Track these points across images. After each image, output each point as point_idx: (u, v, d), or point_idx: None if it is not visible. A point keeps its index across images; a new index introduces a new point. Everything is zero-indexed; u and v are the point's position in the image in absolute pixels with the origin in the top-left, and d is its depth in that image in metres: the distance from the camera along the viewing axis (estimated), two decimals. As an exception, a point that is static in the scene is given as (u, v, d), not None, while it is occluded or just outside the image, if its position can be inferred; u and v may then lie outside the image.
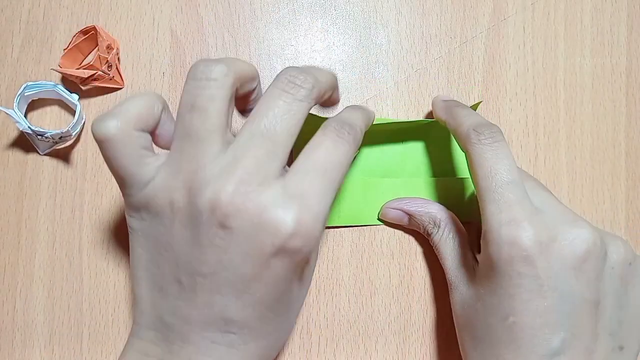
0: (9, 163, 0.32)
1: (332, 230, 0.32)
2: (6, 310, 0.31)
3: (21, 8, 0.33)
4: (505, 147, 0.26)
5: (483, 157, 0.25)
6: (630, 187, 0.33)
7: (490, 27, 0.34)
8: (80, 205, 0.32)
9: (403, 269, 0.32)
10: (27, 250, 0.32)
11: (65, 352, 0.31)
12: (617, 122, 0.34)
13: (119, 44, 0.32)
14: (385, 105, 0.33)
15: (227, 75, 0.22)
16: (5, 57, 0.32)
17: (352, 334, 0.32)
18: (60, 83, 0.32)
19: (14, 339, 0.31)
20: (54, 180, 0.32)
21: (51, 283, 0.32)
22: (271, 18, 0.33)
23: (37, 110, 0.33)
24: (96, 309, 0.32)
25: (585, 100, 0.34)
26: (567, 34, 0.34)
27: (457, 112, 0.29)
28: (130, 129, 0.22)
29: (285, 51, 0.33)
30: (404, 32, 0.33)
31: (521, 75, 0.34)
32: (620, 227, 0.33)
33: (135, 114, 0.22)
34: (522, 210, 0.24)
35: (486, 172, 0.25)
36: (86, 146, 0.32)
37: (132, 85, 0.33)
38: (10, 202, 0.32)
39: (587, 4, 0.34)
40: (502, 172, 0.25)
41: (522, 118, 0.33)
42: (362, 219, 0.32)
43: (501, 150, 0.25)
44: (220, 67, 0.22)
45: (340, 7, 0.34)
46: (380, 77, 0.33)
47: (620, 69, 0.34)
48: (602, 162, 0.33)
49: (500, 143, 0.26)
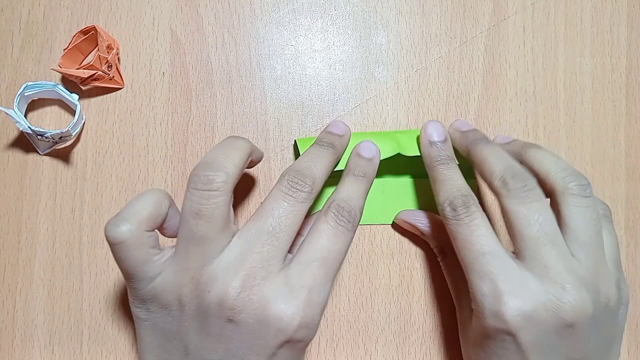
0: (9, 163, 0.32)
1: (332, 230, 0.32)
2: (6, 310, 0.31)
3: (21, 8, 0.33)
4: (479, 218, 0.25)
5: (458, 232, 0.25)
6: (630, 187, 0.33)
7: (490, 27, 0.34)
8: (80, 205, 0.32)
9: (403, 269, 0.32)
10: (27, 250, 0.32)
11: (65, 352, 0.31)
12: (617, 122, 0.34)
13: (119, 44, 0.32)
14: (385, 105, 0.33)
15: (227, 182, 0.23)
16: (5, 57, 0.32)
17: (352, 334, 0.32)
18: (60, 83, 0.32)
19: (14, 339, 0.31)
20: (54, 180, 0.32)
21: (51, 283, 0.32)
22: (271, 18, 0.33)
23: (37, 110, 0.33)
24: (96, 309, 0.32)
25: (585, 100, 0.34)
26: (567, 34, 0.34)
27: (436, 176, 0.28)
28: (141, 232, 0.23)
29: (285, 51, 0.33)
30: (404, 32, 0.33)
31: (521, 75, 0.34)
32: (620, 227, 0.33)
33: (146, 215, 0.23)
34: (503, 281, 0.24)
35: (462, 245, 0.25)
36: (86, 146, 0.32)
37: (132, 85, 0.33)
38: (10, 202, 0.32)
39: (587, 4, 0.34)
40: (477, 243, 0.25)
41: (522, 118, 0.33)
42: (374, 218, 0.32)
43: (475, 222, 0.25)
44: (221, 176, 0.23)
45: (340, 7, 0.34)
46: (380, 77, 0.33)
47: (620, 69, 0.34)
48: (602, 162, 0.33)
49: (474, 215, 0.25)
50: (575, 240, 0.25)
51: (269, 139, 0.33)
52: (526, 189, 0.25)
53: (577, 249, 0.25)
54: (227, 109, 0.33)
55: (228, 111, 0.33)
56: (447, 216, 0.26)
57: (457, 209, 0.26)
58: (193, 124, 0.32)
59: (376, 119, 0.33)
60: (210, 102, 0.33)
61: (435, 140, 0.29)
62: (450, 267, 0.30)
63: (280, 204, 0.24)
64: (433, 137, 0.29)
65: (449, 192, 0.26)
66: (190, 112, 0.33)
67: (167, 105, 0.33)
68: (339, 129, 0.29)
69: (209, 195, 0.23)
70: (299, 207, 0.24)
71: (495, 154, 0.27)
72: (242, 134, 0.32)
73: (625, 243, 0.33)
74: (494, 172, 0.26)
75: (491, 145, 0.28)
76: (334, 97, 0.33)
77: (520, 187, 0.25)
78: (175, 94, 0.33)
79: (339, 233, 0.25)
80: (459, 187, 0.27)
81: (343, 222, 0.25)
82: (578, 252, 0.25)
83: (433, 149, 0.29)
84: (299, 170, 0.25)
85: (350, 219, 0.25)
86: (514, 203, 0.25)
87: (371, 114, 0.33)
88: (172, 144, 0.32)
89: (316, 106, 0.33)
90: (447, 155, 0.29)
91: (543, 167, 0.27)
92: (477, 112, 0.33)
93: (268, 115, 0.33)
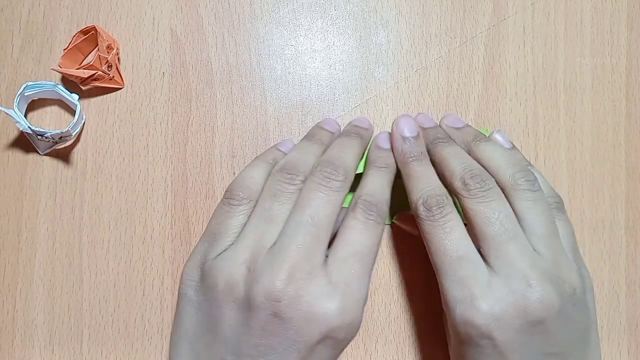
0: (9, 163, 0.32)
1: (332, 230, 0.32)
2: (6, 310, 0.31)
3: (21, 8, 0.33)
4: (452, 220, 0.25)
5: (431, 234, 0.25)
6: (630, 187, 0.33)
7: (490, 27, 0.34)
8: (80, 205, 0.32)
9: (403, 269, 0.32)
10: (27, 250, 0.32)
11: (65, 352, 0.31)
12: (617, 122, 0.34)
13: (119, 44, 0.32)
14: (385, 105, 0.33)
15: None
16: (5, 57, 0.32)
17: (352, 334, 0.32)
18: (60, 83, 0.32)
19: (14, 339, 0.31)
20: (54, 180, 0.32)
21: (51, 283, 0.32)
22: (271, 18, 0.33)
23: (37, 110, 0.33)
24: (96, 309, 0.32)
25: (585, 100, 0.34)
26: (567, 34, 0.34)
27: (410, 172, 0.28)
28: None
29: (285, 51, 0.33)
30: (404, 32, 0.33)
31: (521, 75, 0.34)
32: (620, 227, 0.33)
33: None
34: (474, 285, 0.24)
35: (435, 248, 0.25)
36: (86, 146, 0.32)
37: (132, 85, 0.33)
38: (10, 202, 0.32)
39: (587, 4, 0.34)
40: (451, 248, 0.25)
41: (522, 118, 0.33)
42: None
43: (449, 224, 0.25)
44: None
45: (340, 7, 0.34)
46: (380, 77, 0.33)
47: (620, 69, 0.34)
48: (602, 162, 0.33)
49: (448, 217, 0.25)
50: (533, 233, 0.25)
51: (269, 139, 0.33)
52: (485, 188, 0.25)
53: (535, 242, 0.25)
54: (227, 109, 0.33)
55: (228, 111, 0.33)
56: (421, 216, 0.26)
57: (431, 209, 0.25)
58: (193, 124, 0.32)
59: (376, 119, 0.33)
60: (210, 102, 0.33)
61: (407, 135, 0.28)
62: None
63: (316, 195, 0.25)
64: (405, 132, 0.29)
65: (422, 190, 0.26)
66: (190, 112, 0.33)
67: (167, 105, 0.33)
68: (365, 123, 0.30)
69: (291, 180, 0.26)
70: (335, 196, 0.25)
71: (454, 154, 0.27)
72: (242, 134, 0.32)
73: (626, 243, 0.33)
74: (453, 173, 0.26)
75: (450, 145, 0.28)
76: (334, 97, 0.33)
77: (479, 187, 0.25)
78: (175, 94, 0.33)
79: (370, 227, 0.25)
80: (432, 185, 0.26)
81: (372, 217, 0.25)
82: (537, 244, 0.25)
83: (406, 145, 0.28)
84: (330, 161, 0.26)
85: (379, 212, 0.26)
86: (475, 202, 0.25)
87: (371, 114, 0.33)
88: (172, 144, 0.32)
89: (316, 106, 0.33)
90: (420, 151, 0.28)
91: (492, 163, 0.27)
92: (477, 112, 0.33)
93: (268, 115, 0.33)
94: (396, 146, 0.29)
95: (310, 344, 0.23)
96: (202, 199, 0.32)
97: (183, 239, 0.32)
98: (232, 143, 0.32)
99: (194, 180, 0.32)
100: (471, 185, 0.25)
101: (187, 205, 0.32)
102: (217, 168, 0.32)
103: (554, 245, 0.25)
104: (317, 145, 0.28)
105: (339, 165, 0.26)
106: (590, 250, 0.33)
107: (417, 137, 0.29)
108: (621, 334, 0.33)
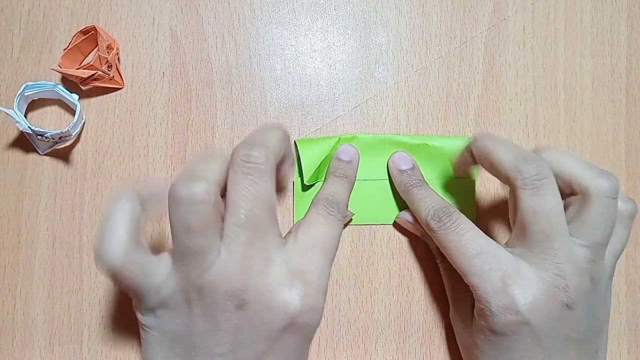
0: (9, 163, 0.32)
1: (332, 230, 0.32)
2: (6, 310, 0.31)
3: (21, 8, 0.33)
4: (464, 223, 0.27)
5: (447, 240, 0.27)
6: (630, 187, 0.33)
7: (490, 27, 0.34)
8: (80, 205, 0.32)
9: (403, 269, 0.32)
10: (27, 250, 0.32)
11: (65, 352, 0.31)
12: (617, 122, 0.34)
13: (119, 44, 0.32)
14: (385, 105, 0.33)
15: (209, 192, 0.23)
16: (5, 57, 0.32)
17: (352, 334, 0.32)
18: (60, 83, 0.32)
19: (14, 339, 0.31)
20: (54, 180, 0.32)
21: (51, 283, 0.32)
22: (271, 18, 0.33)
23: (37, 110, 0.33)
24: (96, 309, 0.32)
25: (585, 100, 0.34)
26: (567, 34, 0.34)
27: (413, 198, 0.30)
28: (133, 254, 0.23)
29: (285, 51, 0.33)
30: (404, 32, 0.33)
31: (521, 75, 0.34)
32: (620, 227, 0.33)
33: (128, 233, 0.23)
34: (503, 275, 0.25)
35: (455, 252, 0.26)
36: (86, 146, 0.32)
37: (132, 85, 0.33)
38: (10, 202, 0.32)
39: (587, 4, 0.34)
40: (469, 247, 0.26)
41: (522, 118, 0.33)
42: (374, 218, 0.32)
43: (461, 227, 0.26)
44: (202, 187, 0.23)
45: (340, 7, 0.34)
46: (380, 77, 0.33)
47: (620, 69, 0.34)
48: (602, 162, 0.33)
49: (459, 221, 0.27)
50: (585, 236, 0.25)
51: (269, 139, 0.32)
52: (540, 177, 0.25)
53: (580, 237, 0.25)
54: (227, 109, 0.33)
55: (228, 111, 0.33)
56: (434, 228, 0.27)
57: (441, 219, 0.27)
58: (193, 124, 0.32)
59: (376, 119, 0.33)
60: (210, 102, 0.33)
61: (404, 168, 0.31)
62: (449, 270, 0.30)
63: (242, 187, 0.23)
64: (401, 166, 0.31)
65: (428, 206, 0.28)
66: (190, 112, 0.33)
67: (167, 105, 0.33)
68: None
69: (194, 209, 0.23)
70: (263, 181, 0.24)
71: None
72: (242, 134, 0.32)
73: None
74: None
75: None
76: (334, 97, 0.33)
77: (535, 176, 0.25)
78: (175, 94, 0.33)
79: (331, 222, 0.27)
80: (436, 200, 0.29)
81: (333, 213, 0.27)
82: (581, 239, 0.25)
83: (404, 176, 0.31)
84: (249, 144, 0.24)
85: (339, 209, 0.27)
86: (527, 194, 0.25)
87: (371, 114, 0.33)
88: (172, 144, 0.32)
89: (316, 106, 0.33)
90: (418, 179, 0.30)
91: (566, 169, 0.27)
92: (477, 112, 0.33)
93: (268, 115, 0.33)
94: (396, 180, 0.31)
95: (274, 332, 0.23)
96: (202, 199, 0.32)
97: (183, 239, 0.32)
98: (232, 143, 0.32)
99: (194, 180, 0.32)
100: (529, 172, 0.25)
101: (187, 205, 0.32)
102: (217, 168, 0.32)
103: (601, 252, 0.26)
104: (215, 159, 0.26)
105: (257, 144, 0.24)
106: (590, 250, 0.33)
107: (412, 168, 0.31)
108: (621, 334, 0.33)
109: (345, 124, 0.33)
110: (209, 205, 0.23)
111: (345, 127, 0.33)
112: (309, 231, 0.26)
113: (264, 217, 0.24)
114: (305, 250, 0.25)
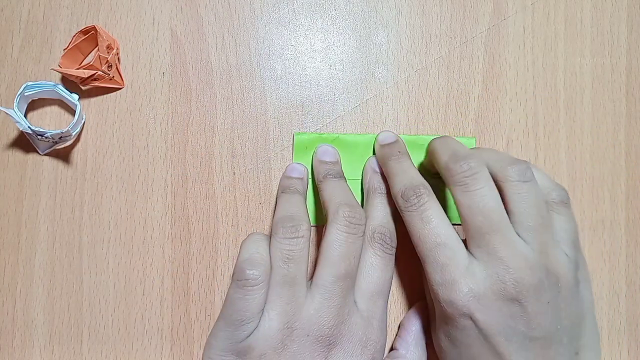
0: (9, 163, 0.32)
1: (332, 230, 0.32)
2: (6, 310, 0.31)
3: (21, 8, 0.33)
4: (430, 209, 0.26)
5: (411, 224, 0.27)
6: (630, 187, 0.33)
7: (490, 27, 0.34)
8: (80, 205, 0.32)
9: (403, 269, 0.32)
10: (27, 250, 0.32)
11: (65, 352, 0.31)
12: (617, 122, 0.34)
13: (119, 44, 0.32)
14: (385, 105, 0.33)
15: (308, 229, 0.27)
16: (5, 57, 0.32)
17: (352, 334, 0.32)
18: (60, 83, 0.32)
19: (14, 339, 0.31)
20: (54, 180, 0.32)
21: (51, 283, 0.32)
22: (271, 18, 0.33)
23: (37, 110, 0.33)
24: (96, 309, 0.32)
25: (585, 100, 0.34)
26: (567, 34, 0.34)
27: (389, 171, 0.29)
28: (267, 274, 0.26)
29: (285, 51, 0.33)
30: (404, 32, 0.33)
31: (521, 75, 0.34)
32: (620, 227, 0.33)
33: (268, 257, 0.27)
34: (454, 270, 0.25)
35: (416, 237, 0.27)
36: (86, 146, 0.32)
37: (132, 85, 0.33)
38: (10, 202, 0.32)
39: (587, 4, 0.34)
40: (429, 236, 0.26)
41: (522, 118, 0.33)
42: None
43: (427, 213, 0.26)
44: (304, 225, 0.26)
45: (340, 7, 0.34)
46: (380, 77, 0.33)
47: (620, 69, 0.34)
48: (602, 162, 0.33)
49: (426, 205, 0.26)
50: (521, 225, 0.26)
51: (269, 139, 0.33)
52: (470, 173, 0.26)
53: (523, 233, 0.26)
54: (227, 109, 0.33)
55: (228, 111, 0.33)
56: (401, 207, 0.27)
57: (408, 199, 0.27)
58: (193, 124, 0.32)
59: (376, 119, 0.33)
60: (210, 102, 0.33)
61: (386, 143, 0.31)
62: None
63: (347, 245, 0.26)
64: (384, 141, 0.31)
65: (400, 183, 0.28)
66: (190, 112, 0.33)
67: (167, 105, 0.33)
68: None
69: (297, 242, 0.26)
70: (360, 241, 0.27)
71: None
72: (242, 134, 0.32)
73: (626, 243, 0.33)
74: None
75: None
76: (334, 97, 0.33)
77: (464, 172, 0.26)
78: (175, 94, 0.33)
79: (387, 262, 0.28)
80: (410, 177, 0.28)
81: (389, 250, 0.28)
82: (525, 235, 0.26)
83: (384, 149, 0.30)
84: (351, 206, 0.27)
85: (393, 244, 0.28)
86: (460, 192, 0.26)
87: (371, 114, 0.33)
88: (172, 144, 0.32)
89: (316, 106, 0.33)
90: (399, 151, 0.30)
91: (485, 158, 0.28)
92: (477, 112, 0.33)
93: (268, 115, 0.33)
94: (377, 152, 0.31)
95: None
96: (202, 199, 0.32)
97: (183, 239, 0.32)
98: (232, 143, 0.32)
99: (194, 180, 0.32)
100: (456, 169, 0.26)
101: (187, 205, 0.32)
102: (217, 168, 0.32)
103: (543, 237, 0.26)
104: (296, 195, 0.29)
105: (358, 206, 0.27)
106: (590, 250, 0.33)
107: (395, 142, 0.31)
108: (621, 334, 0.33)
109: (345, 124, 0.33)
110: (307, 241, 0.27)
111: (345, 127, 0.33)
112: (370, 277, 0.27)
113: (352, 274, 0.26)
114: (370, 299, 0.27)
